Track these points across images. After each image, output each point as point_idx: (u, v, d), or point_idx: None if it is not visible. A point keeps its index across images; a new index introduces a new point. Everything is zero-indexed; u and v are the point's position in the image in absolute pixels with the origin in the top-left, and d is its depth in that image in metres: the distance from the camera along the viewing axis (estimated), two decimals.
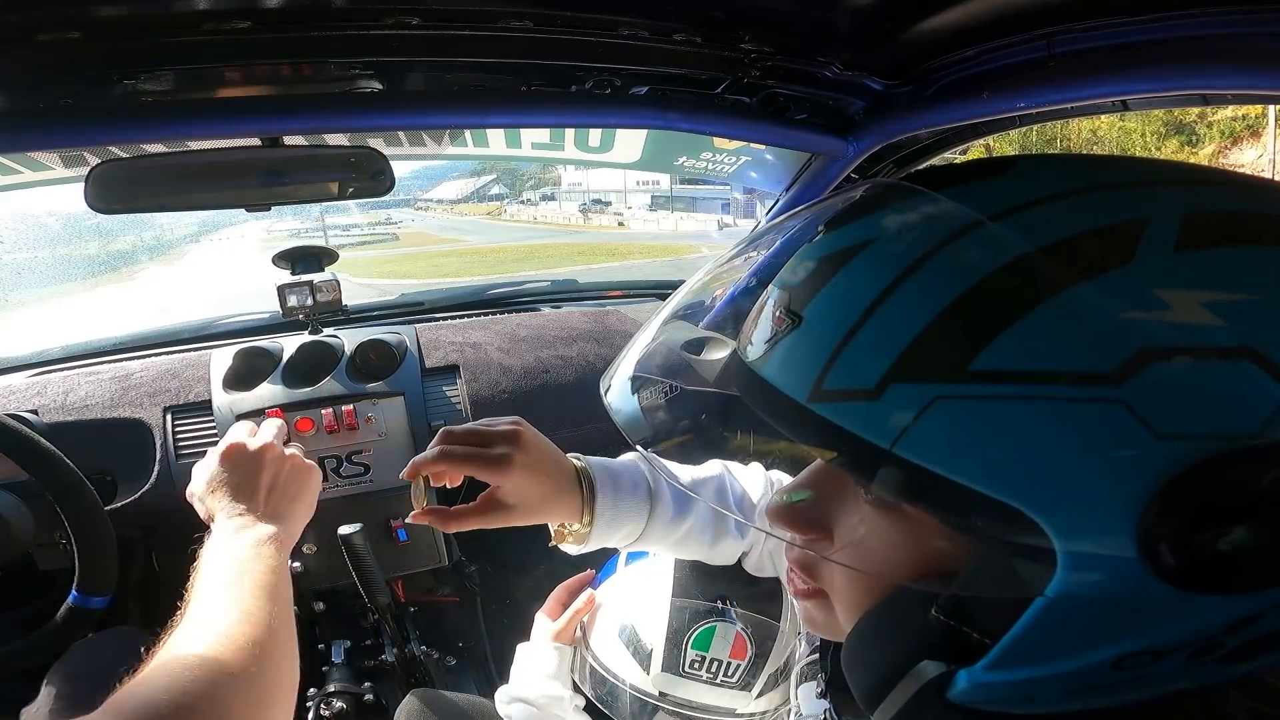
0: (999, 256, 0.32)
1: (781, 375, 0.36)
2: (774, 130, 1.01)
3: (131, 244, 19.56)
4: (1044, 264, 0.31)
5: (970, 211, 0.34)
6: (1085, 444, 0.29)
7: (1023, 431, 0.30)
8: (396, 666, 1.38)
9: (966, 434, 0.31)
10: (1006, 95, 0.79)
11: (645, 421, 0.50)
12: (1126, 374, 0.29)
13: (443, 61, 0.83)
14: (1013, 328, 0.30)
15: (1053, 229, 0.33)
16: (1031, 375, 0.30)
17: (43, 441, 1.02)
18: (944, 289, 0.32)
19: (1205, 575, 0.29)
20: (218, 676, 0.50)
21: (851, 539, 0.39)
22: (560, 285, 2.02)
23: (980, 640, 0.34)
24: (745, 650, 0.83)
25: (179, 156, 0.93)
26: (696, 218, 22.85)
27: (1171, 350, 0.29)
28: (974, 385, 0.31)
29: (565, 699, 0.86)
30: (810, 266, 0.38)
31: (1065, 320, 0.30)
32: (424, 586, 1.65)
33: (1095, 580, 0.30)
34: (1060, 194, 0.34)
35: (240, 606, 0.57)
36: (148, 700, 0.47)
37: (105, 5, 0.66)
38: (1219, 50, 0.62)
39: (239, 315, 1.66)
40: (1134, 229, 0.32)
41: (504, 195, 36.01)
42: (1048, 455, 0.30)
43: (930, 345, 0.32)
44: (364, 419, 1.33)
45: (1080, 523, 0.30)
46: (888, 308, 0.33)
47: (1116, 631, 0.31)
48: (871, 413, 0.32)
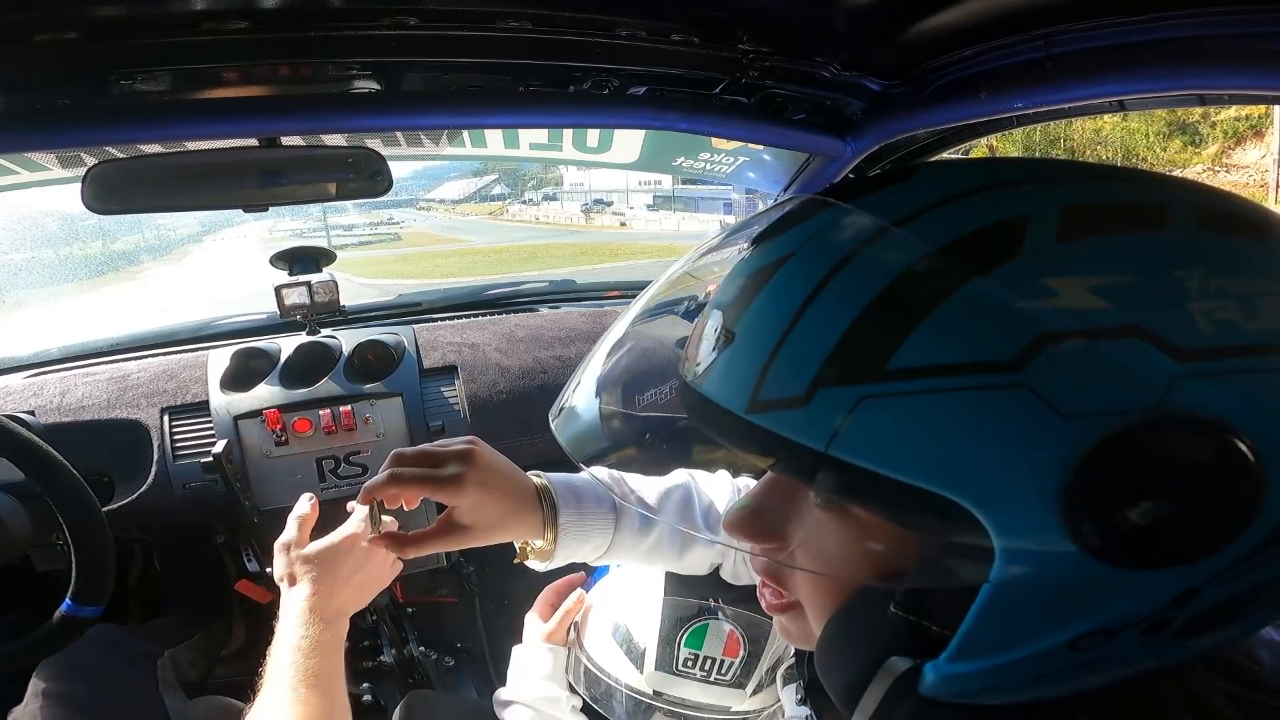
0: (904, 259, 0.34)
1: (720, 390, 0.38)
2: (772, 130, 1.01)
3: (134, 244, 19.57)
4: (942, 262, 0.34)
5: (878, 219, 0.37)
6: (998, 430, 0.31)
7: (942, 423, 0.32)
8: (395, 667, 1.38)
9: (893, 430, 0.33)
10: (1004, 95, 0.79)
11: (595, 438, 0.54)
12: (1026, 359, 0.31)
13: (441, 62, 0.83)
14: (921, 325, 0.32)
15: (948, 229, 0.35)
16: (942, 369, 0.32)
17: (44, 446, 1.01)
18: (859, 293, 0.34)
19: (1132, 550, 0.31)
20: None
21: (806, 543, 0.41)
22: (558, 286, 2.02)
23: (940, 633, 0.36)
24: (738, 648, 0.83)
25: (176, 157, 0.93)
26: (699, 218, 22.85)
27: (1064, 334, 0.31)
28: (894, 383, 0.32)
29: (562, 700, 0.87)
30: (740, 283, 0.40)
31: (965, 314, 0.32)
32: (422, 587, 1.65)
33: (1032, 564, 0.32)
34: (953, 196, 0.37)
35: (331, 684, 0.71)
36: None
37: (103, 5, 0.66)
38: (1216, 50, 0.62)
39: (236, 316, 1.66)
40: (1018, 224, 0.34)
41: (506, 195, 36.07)
42: (968, 444, 0.31)
43: (851, 348, 0.34)
44: (362, 420, 1.33)
45: (1008, 508, 0.31)
46: (810, 316, 0.35)
47: (1064, 614, 0.33)
48: (804, 418, 0.34)
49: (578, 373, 0.55)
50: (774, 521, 0.42)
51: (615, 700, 0.84)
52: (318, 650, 0.72)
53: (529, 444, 1.44)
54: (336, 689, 0.72)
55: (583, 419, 0.54)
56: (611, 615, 0.88)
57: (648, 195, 28.77)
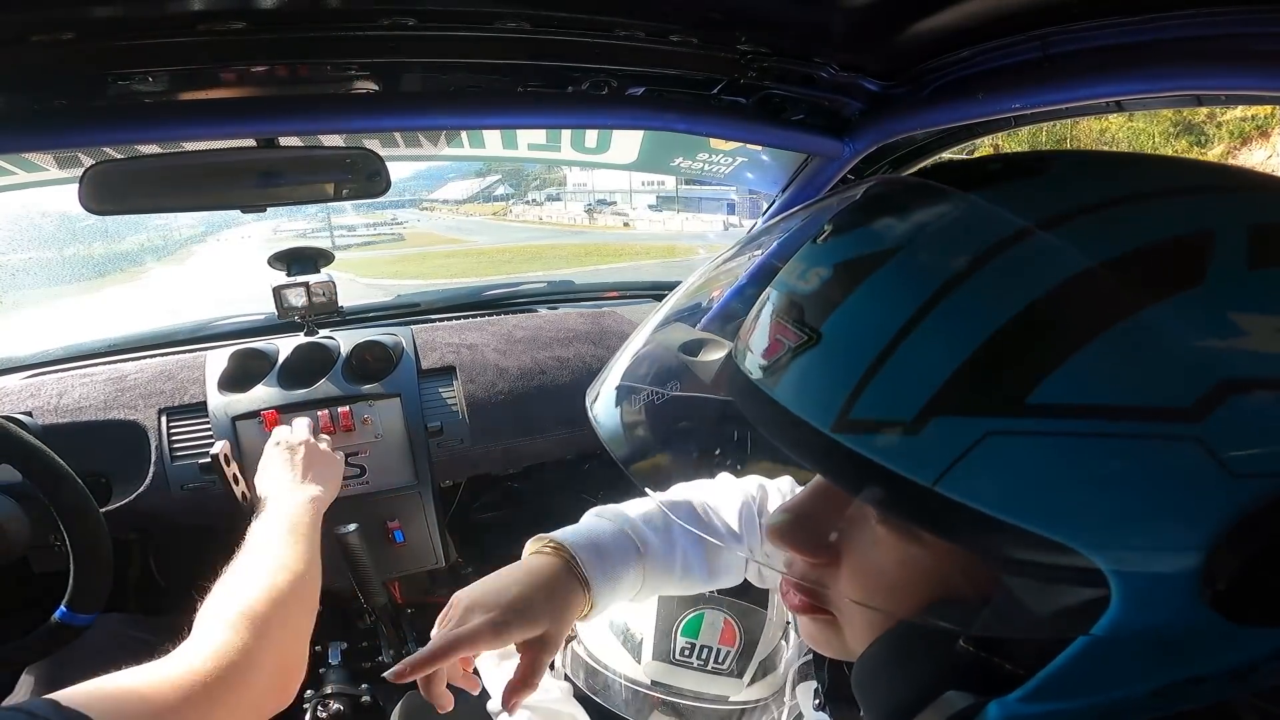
0: (1056, 272, 0.29)
1: (798, 399, 0.32)
2: (770, 131, 1.01)
3: (138, 244, 19.59)
4: (1108, 282, 0.28)
5: (1014, 217, 0.31)
6: (1155, 485, 0.27)
7: (1087, 471, 0.27)
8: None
9: (1022, 473, 0.28)
10: (1002, 96, 0.79)
11: (633, 436, 0.48)
12: (1205, 409, 0.26)
13: (439, 62, 0.83)
14: (1076, 356, 0.27)
15: (1112, 241, 0.29)
16: (1098, 410, 0.27)
17: (43, 448, 1.01)
18: (994, 308, 0.29)
19: (1261, 609, 0.28)
20: (282, 586, 0.75)
21: (863, 564, 0.37)
22: (557, 286, 2.02)
23: (1014, 671, 0.32)
24: (734, 637, 0.83)
25: (174, 157, 0.93)
26: (702, 218, 22.87)
27: (1252, 383, 0.27)
28: (1032, 420, 0.28)
29: (554, 689, 0.86)
30: (824, 274, 0.34)
31: (1136, 348, 0.27)
32: (421, 588, 1.65)
33: (1148, 615, 0.28)
34: (1113, 200, 0.31)
35: (289, 545, 0.83)
36: (259, 597, 0.71)
37: (99, 5, 0.66)
38: (1213, 51, 0.62)
39: (234, 317, 1.66)
40: (1201, 242, 0.29)
41: (509, 195, 36.12)
42: (1113, 496, 0.27)
43: (980, 374, 0.29)
44: (360, 420, 1.33)
45: (1141, 562, 0.28)
46: (927, 328, 0.30)
47: (1164, 663, 0.29)
48: (910, 447, 0.29)
49: (622, 354, 0.49)
50: (827, 534, 0.37)
51: (614, 691, 0.84)
52: (312, 526, 0.90)
53: (528, 444, 1.44)
54: (316, 553, 0.86)
55: (626, 410, 0.48)
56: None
57: (651, 195, 28.79)
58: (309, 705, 1.30)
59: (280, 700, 0.69)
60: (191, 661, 0.61)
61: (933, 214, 0.34)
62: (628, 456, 0.46)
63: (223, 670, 0.61)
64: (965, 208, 0.33)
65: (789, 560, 0.40)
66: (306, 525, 0.89)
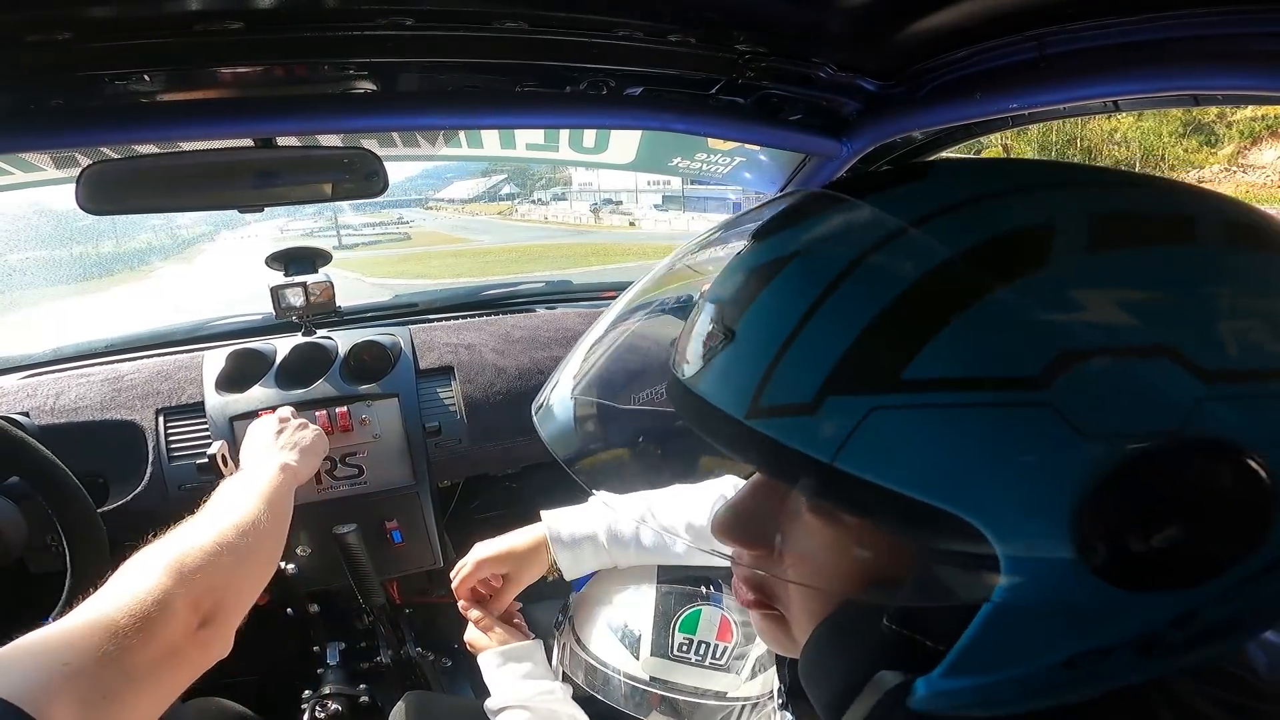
0: (922, 263, 0.33)
1: (718, 392, 0.36)
2: (768, 131, 1.01)
3: (145, 243, 19.58)
4: (964, 269, 0.32)
5: (892, 218, 0.35)
6: (1017, 448, 0.30)
7: (957, 439, 0.30)
8: (392, 668, 1.38)
9: (904, 443, 0.31)
10: (999, 96, 0.79)
11: (577, 438, 0.52)
12: (1050, 376, 0.29)
13: (437, 62, 0.83)
14: (940, 335, 0.31)
15: (969, 234, 0.33)
16: (961, 382, 0.30)
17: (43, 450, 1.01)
18: (872, 298, 0.33)
19: (1143, 573, 0.30)
20: (227, 531, 0.76)
21: (797, 552, 0.39)
22: (555, 286, 2.01)
23: (934, 648, 0.34)
24: (731, 633, 0.83)
25: (171, 157, 0.93)
26: (707, 217, 22.85)
27: (1091, 351, 0.30)
28: (908, 395, 0.31)
29: (556, 690, 0.86)
30: (740, 280, 0.38)
31: (988, 325, 0.31)
32: (419, 588, 1.65)
33: (1039, 584, 0.30)
34: (974, 198, 0.35)
35: (242, 499, 0.84)
36: (192, 545, 0.71)
37: (96, 5, 0.66)
38: (1211, 51, 0.62)
39: (232, 316, 1.65)
40: (1045, 232, 0.32)
41: (515, 195, 36.18)
42: (983, 461, 0.30)
43: (863, 356, 0.32)
44: (358, 420, 1.33)
45: (1019, 527, 0.30)
46: (818, 319, 0.33)
47: (1064, 633, 0.32)
48: (810, 427, 0.33)
49: (561, 368, 0.53)
50: (764, 527, 0.40)
51: (613, 688, 0.84)
52: (277, 490, 0.90)
53: (526, 445, 1.44)
54: (278, 515, 0.87)
55: (566, 417, 0.52)
56: (606, 604, 0.89)
57: (656, 195, 28.80)
58: (307, 705, 1.30)
59: (209, 650, 0.68)
60: (96, 608, 0.60)
61: (829, 218, 0.38)
62: (572, 457, 0.50)
63: (135, 611, 0.60)
64: (854, 211, 0.37)
65: (736, 554, 0.43)
66: (270, 489, 0.88)
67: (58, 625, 0.58)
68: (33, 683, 0.51)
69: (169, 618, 0.62)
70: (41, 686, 0.51)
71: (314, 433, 1.11)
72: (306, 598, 1.39)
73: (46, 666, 0.53)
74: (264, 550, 0.81)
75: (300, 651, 1.43)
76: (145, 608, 0.61)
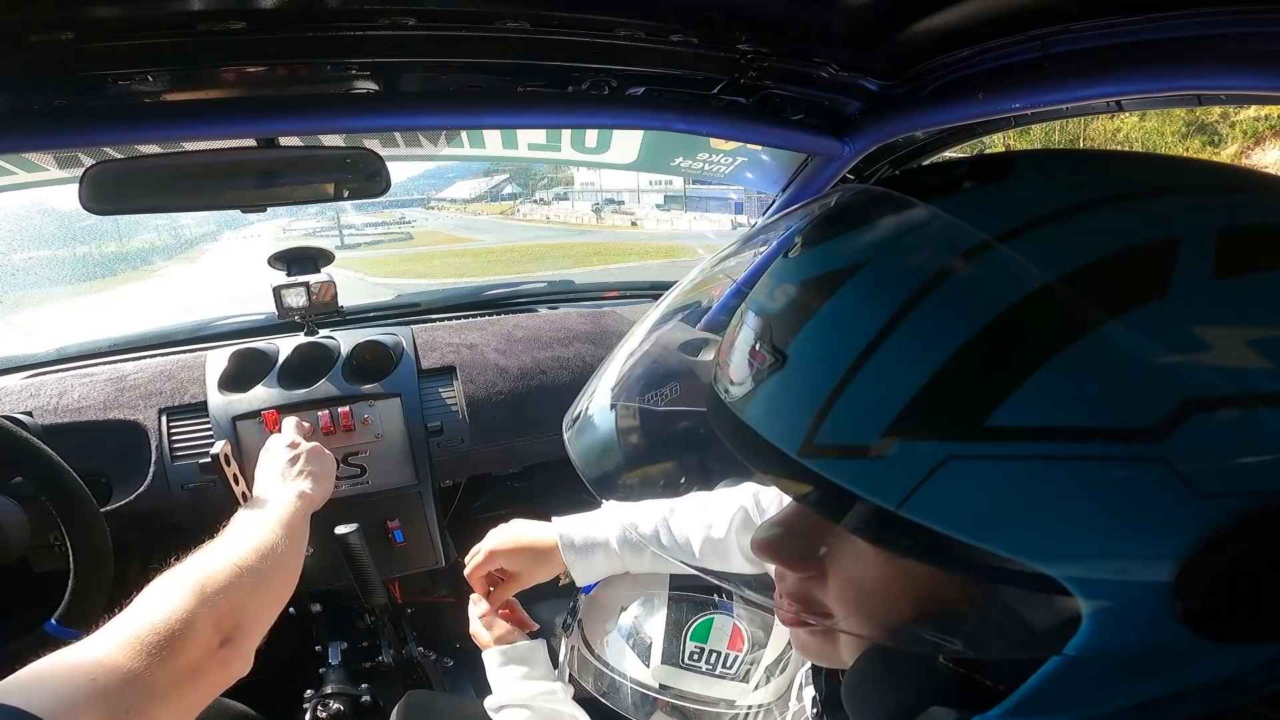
0: (1013, 289, 0.28)
1: (767, 423, 0.32)
2: (770, 131, 1.01)
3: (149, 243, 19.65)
4: (1066, 298, 0.27)
5: (974, 230, 0.30)
6: (1120, 506, 0.26)
7: (1049, 493, 0.27)
8: (393, 667, 1.38)
9: (984, 496, 0.27)
10: (1002, 96, 0.79)
11: (611, 457, 0.48)
12: (1167, 429, 0.26)
13: (439, 62, 0.83)
14: (1034, 376, 0.27)
15: (1072, 252, 0.28)
16: (1058, 432, 0.26)
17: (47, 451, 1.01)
18: (952, 329, 0.28)
19: (1238, 625, 0.27)
20: (246, 555, 0.78)
21: (847, 579, 0.36)
22: (557, 286, 2.01)
23: (994, 687, 0.32)
24: (742, 642, 0.83)
25: (174, 157, 0.93)
26: (710, 217, 22.82)
27: (1217, 400, 0.26)
28: (992, 444, 0.27)
29: (558, 691, 0.86)
30: (791, 292, 0.34)
31: (1096, 367, 0.27)
32: (420, 587, 1.65)
33: (1122, 635, 0.28)
34: (1074, 207, 0.30)
35: (262, 525, 0.86)
36: (214, 568, 0.74)
37: (99, 5, 0.66)
38: (1213, 50, 0.62)
39: (234, 316, 1.66)
40: (1165, 250, 0.27)
41: (518, 195, 36.22)
42: (1077, 518, 0.27)
43: (939, 397, 0.28)
44: (360, 420, 1.33)
45: (1110, 584, 0.27)
46: (887, 349, 0.29)
47: (1141, 680, 0.29)
48: (873, 471, 0.29)
49: (593, 380, 0.49)
50: (811, 547, 0.37)
51: (621, 694, 0.84)
52: (295, 517, 0.92)
53: (528, 444, 1.44)
54: (295, 542, 0.88)
55: (598, 434, 0.48)
56: (618, 610, 0.88)
57: (658, 195, 28.78)
58: (309, 705, 1.30)
59: (229, 668, 0.70)
60: (123, 628, 0.62)
61: (894, 227, 0.33)
62: (605, 479, 0.47)
63: (159, 631, 0.62)
64: (925, 220, 0.32)
65: (779, 574, 0.40)
66: (288, 516, 0.90)
67: (86, 644, 0.60)
68: (62, 699, 0.53)
69: (192, 637, 0.65)
70: (70, 703, 0.53)
71: (328, 458, 1.10)
72: (308, 597, 1.39)
73: (74, 683, 0.55)
74: (282, 574, 0.83)
75: (302, 651, 1.43)
76: (170, 627, 0.63)
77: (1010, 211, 0.30)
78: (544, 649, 0.91)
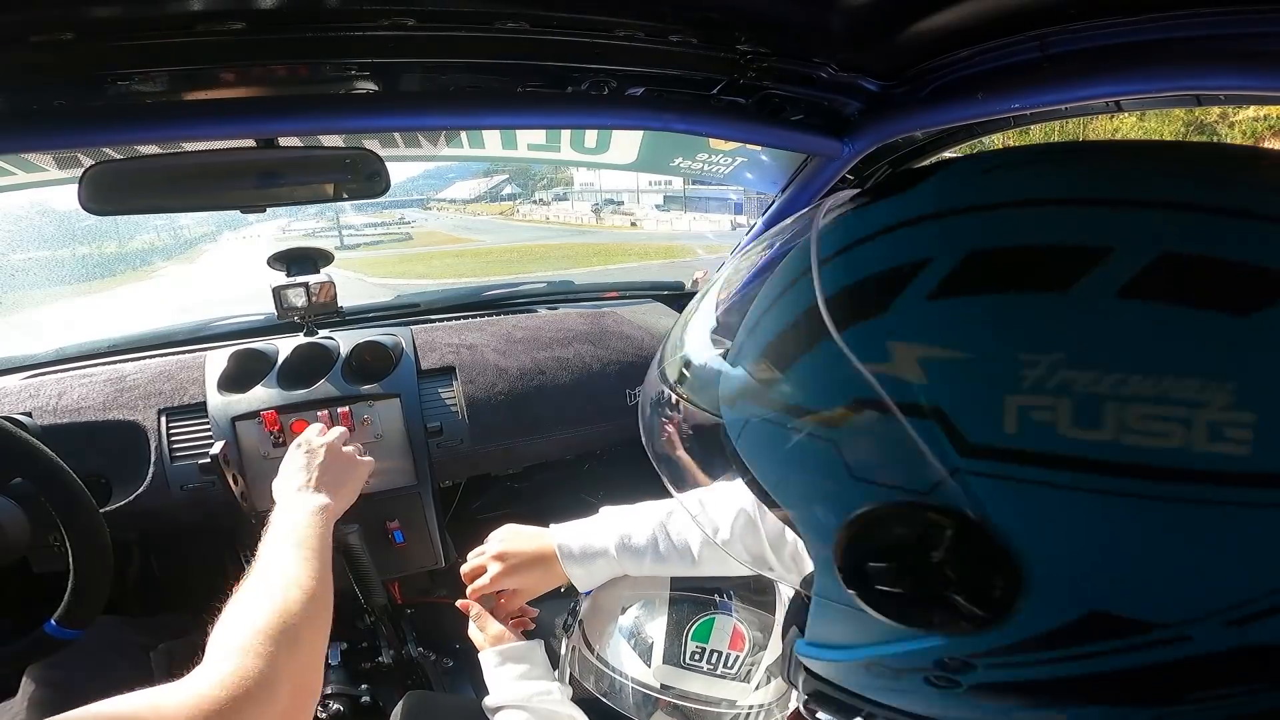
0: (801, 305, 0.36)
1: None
2: (770, 131, 1.01)
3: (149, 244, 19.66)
4: (818, 317, 0.35)
5: (811, 254, 0.38)
6: (807, 471, 0.35)
7: (773, 453, 0.37)
8: (393, 668, 1.38)
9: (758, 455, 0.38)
10: (1001, 96, 0.79)
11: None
12: (841, 419, 0.33)
13: (438, 63, 0.83)
14: (789, 370, 0.36)
15: (848, 273, 0.35)
16: (788, 409, 0.36)
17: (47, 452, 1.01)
18: (775, 322, 0.38)
19: (888, 606, 0.34)
20: (294, 605, 0.73)
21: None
22: (556, 286, 2.01)
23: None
24: (743, 642, 0.83)
25: (173, 158, 0.93)
26: (710, 218, 22.80)
27: (876, 403, 0.32)
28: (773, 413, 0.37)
29: (554, 691, 0.86)
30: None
31: (816, 366, 0.35)
32: (420, 588, 1.65)
33: (831, 586, 0.36)
34: (892, 226, 0.35)
35: (298, 561, 0.81)
36: (255, 617, 0.68)
37: (99, 6, 0.66)
38: (1212, 51, 0.62)
39: (234, 317, 1.66)
40: (911, 271, 0.32)
41: (517, 195, 36.22)
42: (787, 477, 0.37)
43: (751, 377, 0.39)
44: (360, 421, 1.33)
45: (809, 531, 0.37)
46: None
47: (861, 634, 0.37)
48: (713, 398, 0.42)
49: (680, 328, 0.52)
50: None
51: (623, 694, 0.84)
52: (320, 539, 0.88)
53: (528, 445, 1.44)
54: (327, 568, 0.85)
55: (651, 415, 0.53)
56: (618, 611, 0.89)
57: (658, 195, 28.76)
58: None
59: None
60: (201, 688, 0.58)
61: (800, 229, 0.42)
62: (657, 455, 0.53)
63: (236, 697, 0.58)
64: (805, 235, 0.40)
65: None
66: (315, 539, 0.86)
67: (175, 690, 0.56)
68: None
69: (276, 695, 0.62)
70: None
71: (349, 463, 1.01)
72: None
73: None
74: (325, 612, 0.81)
75: None
76: (257, 684, 0.60)
77: (851, 229, 0.37)
78: (541, 649, 0.91)
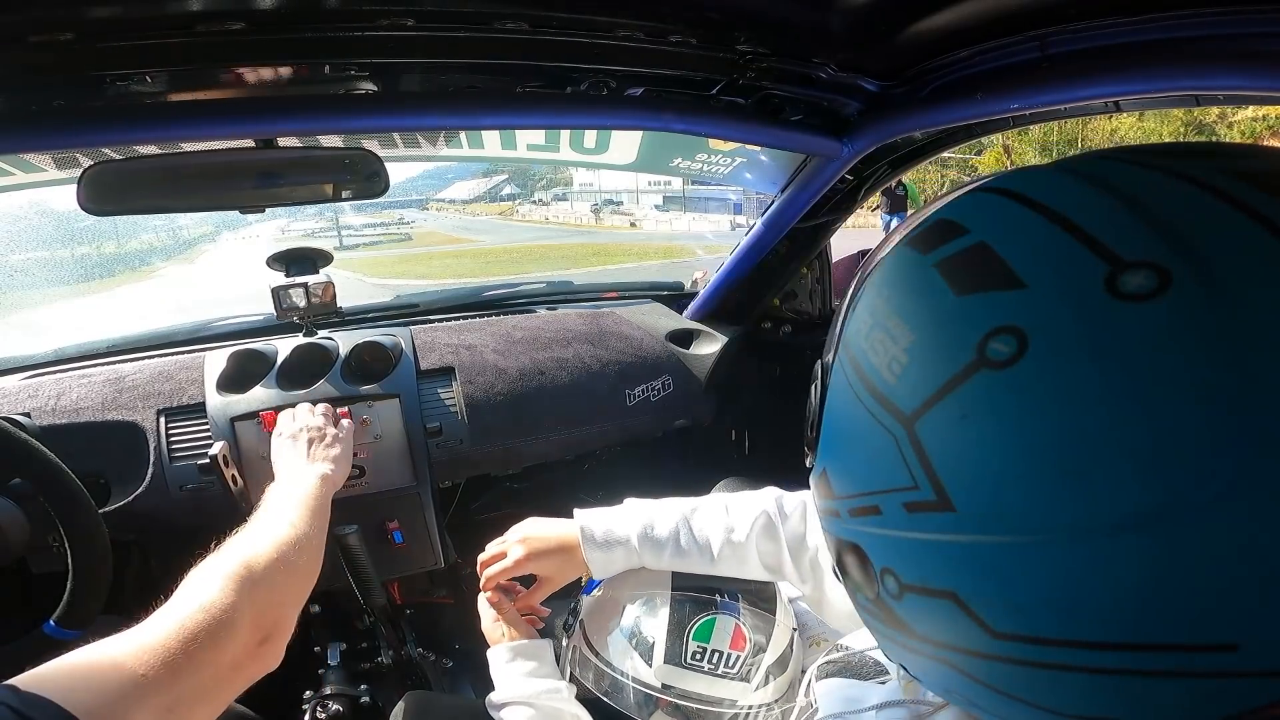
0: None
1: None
2: (769, 131, 1.01)
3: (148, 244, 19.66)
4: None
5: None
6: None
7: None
8: (393, 668, 1.38)
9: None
10: (1000, 96, 0.79)
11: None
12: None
13: (438, 63, 0.83)
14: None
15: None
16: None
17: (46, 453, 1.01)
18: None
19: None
20: (285, 548, 0.78)
21: None
22: (556, 287, 2.01)
23: None
24: (744, 642, 0.84)
25: (172, 158, 0.93)
26: (709, 218, 22.76)
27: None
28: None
29: (562, 689, 0.86)
30: None
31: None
32: (420, 588, 1.65)
33: None
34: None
35: (296, 517, 0.86)
36: (254, 560, 0.72)
37: (98, 6, 0.66)
38: (1211, 51, 0.62)
39: (233, 317, 1.65)
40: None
41: (516, 195, 36.18)
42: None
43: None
44: (359, 421, 1.33)
45: None
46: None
47: None
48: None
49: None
50: None
51: (624, 694, 0.84)
52: (321, 500, 0.94)
53: (527, 445, 1.44)
54: (323, 527, 0.90)
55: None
56: (620, 609, 0.89)
57: (657, 195, 28.72)
58: (308, 706, 1.30)
59: (264, 663, 0.68)
60: (169, 622, 0.59)
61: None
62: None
63: (207, 626, 0.60)
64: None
65: None
66: (316, 499, 0.92)
67: (129, 636, 0.56)
68: (105, 695, 0.49)
69: (236, 632, 0.63)
70: (113, 699, 0.49)
71: (343, 440, 1.11)
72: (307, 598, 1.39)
73: (118, 679, 0.51)
74: (313, 564, 0.83)
75: (301, 652, 1.43)
76: (215, 622, 0.61)
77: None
78: (551, 648, 0.92)
